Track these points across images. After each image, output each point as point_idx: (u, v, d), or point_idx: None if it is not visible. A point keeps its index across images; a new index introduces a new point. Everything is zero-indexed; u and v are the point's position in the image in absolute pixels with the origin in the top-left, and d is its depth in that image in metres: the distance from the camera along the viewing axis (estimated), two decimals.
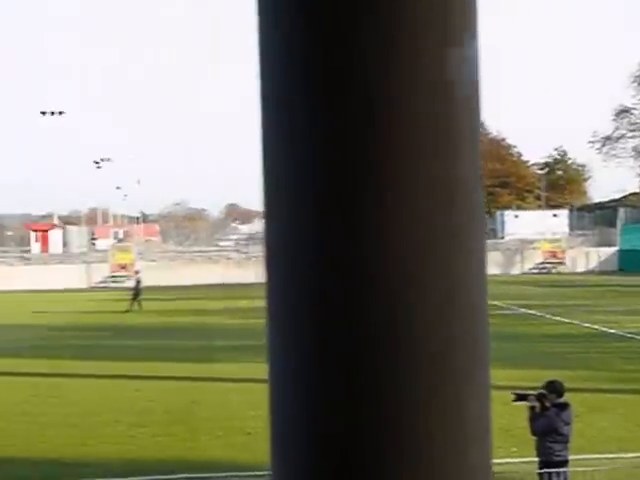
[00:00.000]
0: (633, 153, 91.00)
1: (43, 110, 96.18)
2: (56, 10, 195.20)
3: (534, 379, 14.52)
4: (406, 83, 0.97)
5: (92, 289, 69.05)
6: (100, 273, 72.65)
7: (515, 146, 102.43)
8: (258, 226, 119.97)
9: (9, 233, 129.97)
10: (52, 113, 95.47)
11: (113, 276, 72.06)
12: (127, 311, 45.05)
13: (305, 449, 1.02)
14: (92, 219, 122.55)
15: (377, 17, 0.97)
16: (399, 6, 0.97)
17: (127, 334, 34.43)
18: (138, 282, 47.16)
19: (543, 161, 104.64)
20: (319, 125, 0.99)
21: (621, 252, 73.44)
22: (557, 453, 10.97)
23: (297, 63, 0.99)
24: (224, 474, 13.58)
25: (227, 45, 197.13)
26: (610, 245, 75.06)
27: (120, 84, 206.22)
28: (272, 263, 1.04)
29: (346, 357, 0.98)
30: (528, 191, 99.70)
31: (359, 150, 0.98)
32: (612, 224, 77.13)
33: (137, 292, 46.64)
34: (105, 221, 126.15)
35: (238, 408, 18.48)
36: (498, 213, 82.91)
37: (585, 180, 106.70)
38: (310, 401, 1.02)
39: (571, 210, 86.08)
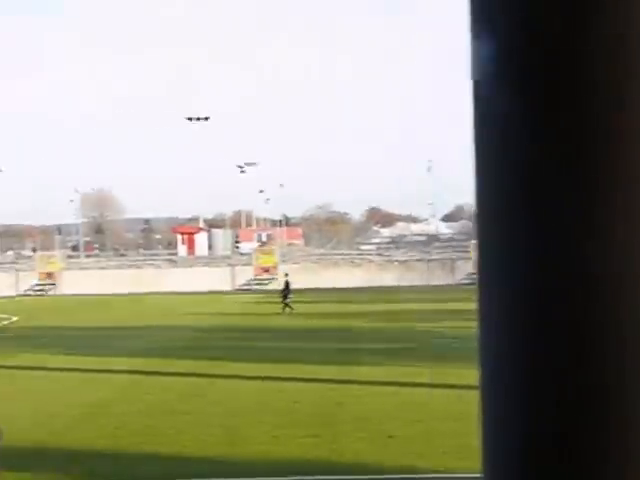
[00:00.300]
0: None
1: (189, 116, 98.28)
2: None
3: None
4: (635, 82, 0.94)
5: (236, 291, 70.16)
6: (244, 276, 73.72)
7: None
8: (400, 229, 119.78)
9: (157, 236, 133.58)
10: (198, 119, 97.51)
11: (256, 279, 73.02)
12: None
13: (518, 450, 1.00)
14: (236, 222, 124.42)
15: (603, 17, 0.94)
16: (626, 6, 0.94)
17: (272, 336, 34.84)
18: (287, 285, 47.64)
19: None
20: (534, 125, 0.97)
21: None
22: None
23: (512, 63, 0.98)
24: (368, 477, 13.59)
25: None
26: None
27: (266, 87, 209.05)
28: (485, 263, 1.03)
29: (565, 358, 0.96)
30: None
31: (583, 149, 0.95)
32: None
33: (286, 294, 47.14)
34: (249, 224, 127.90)
35: (381, 411, 18.46)
36: None
37: None
38: (524, 402, 0.99)
39: None
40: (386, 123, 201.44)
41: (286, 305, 46.52)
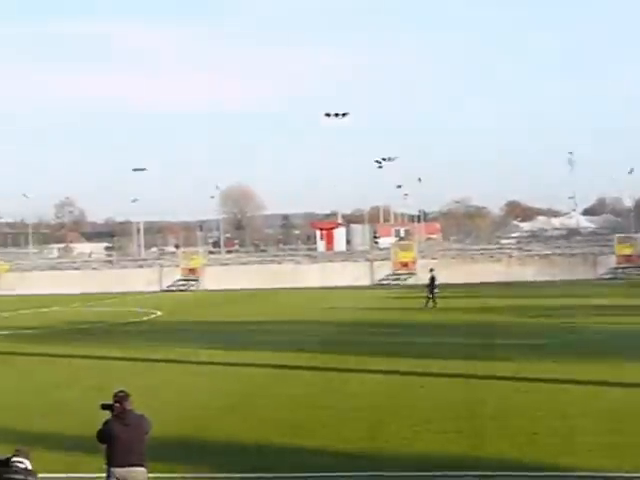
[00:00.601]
0: None
1: (327, 112, 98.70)
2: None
3: None
4: None
5: (375, 286, 70.19)
6: (382, 271, 73.67)
7: None
8: (540, 223, 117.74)
9: (296, 232, 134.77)
10: (336, 115, 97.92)
11: (395, 274, 72.90)
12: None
13: None
14: (374, 217, 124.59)
15: None
16: None
17: (414, 331, 34.76)
18: (433, 279, 47.30)
19: None
20: None
21: None
22: None
23: None
24: (511, 473, 13.41)
25: None
26: None
27: (405, 82, 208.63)
28: None
29: None
30: None
31: None
32: None
33: (432, 289, 46.76)
34: (386, 219, 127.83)
35: (524, 408, 18.21)
36: None
37: None
38: None
39: None
40: (526, 116, 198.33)
41: (430, 299, 46.15)
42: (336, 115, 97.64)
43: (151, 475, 10.68)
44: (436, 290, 46.78)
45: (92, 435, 10.91)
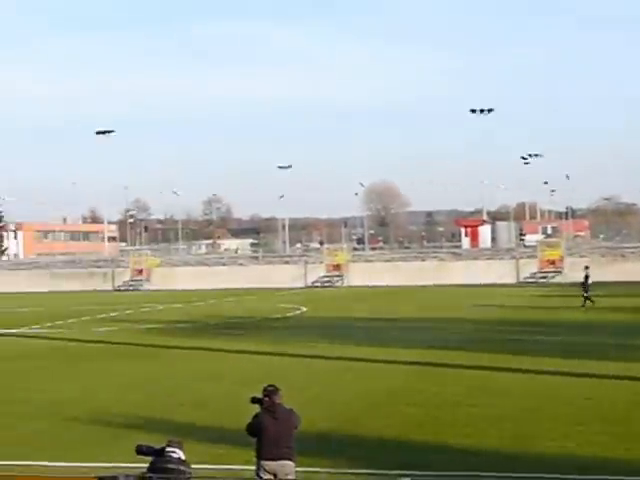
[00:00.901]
0: None
1: (473, 108, 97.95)
2: None
3: None
4: None
5: (520, 284, 69.20)
6: (528, 269, 72.58)
7: None
8: None
9: (440, 229, 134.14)
10: (481, 111, 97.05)
11: (542, 272, 71.74)
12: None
13: None
14: (520, 214, 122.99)
15: None
16: None
17: (562, 330, 34.10)
18: (587, 277, 46.06)
19: None
20: None
21: None
22: None
23: None
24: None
25: None
26: None
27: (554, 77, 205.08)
28: None
29: None
30: None
31: None
32: None
33: (586, 288, 45.50)
34: (532, 216, 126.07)
35: None
36: None
37: None
38: None
39: None
40: None
41: (585, 298, 44.90)
42: (481, 111, 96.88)
43: (297, 469, 10.71)
44: (583, 288, 45.63)
45: (238, 428, 11.02)
